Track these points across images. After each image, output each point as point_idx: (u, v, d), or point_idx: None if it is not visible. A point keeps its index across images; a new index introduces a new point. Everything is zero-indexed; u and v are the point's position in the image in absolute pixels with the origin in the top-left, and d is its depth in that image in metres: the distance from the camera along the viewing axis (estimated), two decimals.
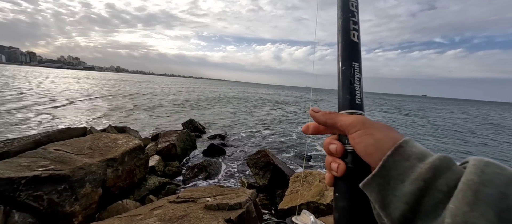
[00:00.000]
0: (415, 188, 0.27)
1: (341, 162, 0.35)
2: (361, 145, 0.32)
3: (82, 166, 2.60)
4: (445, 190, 0.25)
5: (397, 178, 0.28)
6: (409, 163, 0.28)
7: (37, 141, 3.35)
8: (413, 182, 0.27)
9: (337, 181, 0.37)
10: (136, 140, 3.75)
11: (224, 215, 1.92)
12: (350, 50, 0.40)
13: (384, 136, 0.32)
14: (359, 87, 0.39)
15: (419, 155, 0.29)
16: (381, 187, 0.30)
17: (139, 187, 3.62)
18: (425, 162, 0.28)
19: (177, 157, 5.43)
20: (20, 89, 20.72)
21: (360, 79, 0.39)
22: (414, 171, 0.28)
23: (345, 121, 0.35)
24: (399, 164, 0.29)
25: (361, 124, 0.34)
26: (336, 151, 0.36)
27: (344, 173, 0.35)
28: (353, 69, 0.39)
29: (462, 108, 51.53)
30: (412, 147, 0.30)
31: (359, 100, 0.38)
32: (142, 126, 9.90)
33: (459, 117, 27.45)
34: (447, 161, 0.27)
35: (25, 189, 2.12)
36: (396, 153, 0.29)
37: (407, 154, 0.29)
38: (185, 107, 17.75)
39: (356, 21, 0.41)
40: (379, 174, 0.30)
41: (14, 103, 12.88)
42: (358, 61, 0.40)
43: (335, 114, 0.38)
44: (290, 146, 8.54)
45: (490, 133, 16.24)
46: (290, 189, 3.48)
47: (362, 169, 0.34)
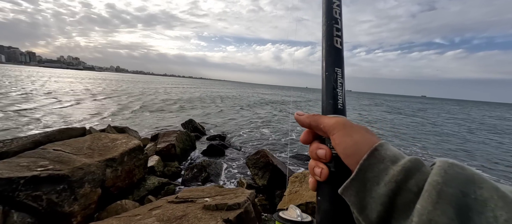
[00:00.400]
0: (389, 189, 0.28)
1: (324, 167, 0.36)
2: (342, 146, 0.34)
3: (81, 166, 2.61)
4: (415, 190, 0.27)
5: (373, 180, 0.30)
6: (383, 166, 0.30)
7: (36, 141, 3.35)
8: (386, 183, 0.28)
9: (320, 185, 0.38)
10: (135, 140, 3.75)
11: (223, 215, 1.92)
12: (334, 56, 0.41)
13: (361, 138, 0.33)
14: (342, 92, 0.40)
15: (392, 157, 0.30)
16: (358, 189, 0.31)
17: (138, 187, 3.62)
18: (398, 164, 0.29)
19: (176, 158, 5.43)
20: (25, 89, 20.80)
21: (342, 84, 0.40)
22: (388, 173, 0.29)
23: (327, 123, 0.36)
24: (374, 167, 0.30)
25: (342, 125, 0.35)
26: (324, 156, 0.36)
27: (327, 177, 0.36)
28: (336, 74, 0.40)
29: (461, 109, 51.60)
30: (387, 150, 0.31)
31: (342, 105, 0.39)
32: (142, 126, 9.90)
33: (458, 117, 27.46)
34: (417, 163, 0.29)
35: (24, 189, 2.12)
36: (372, 156, 0.31)
37: (382, 157, 0.30)
38: (186, 107, 17.75)
39: (339, 27, 0.42)
40: (356, 177, 0.31)
41: (21, 104, 12.91)
42: (341, 67, 0.41)
43: (318, 116, 0.39)
44: (290, 146, 8.55)
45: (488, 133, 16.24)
46: (289, 189, 3.48)
47: (344, 173, 0.35)
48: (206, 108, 17.97)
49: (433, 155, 9.09)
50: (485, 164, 8.35)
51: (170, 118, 12.63)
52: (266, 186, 4.33)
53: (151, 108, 15.78)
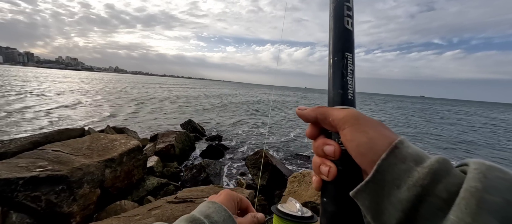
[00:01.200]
0: (413, 194, 0.24)
1: (332, 165, 0.32)
2: (354, 143, 0.29)
3: (80, 166, 2.61)
4: (444, 196, 0.23)
5: (392, 183, 0.26)
6: (405, 167, 0.26)
7: (35, 141, 3.35)
8: (410, 187, 0.25)
9: (326, 185, 0.34)
10: (134, 141, 3.75)
11: None
12: (344, 39, 0.36)
13: (378, 135, 0.29)
14: (352, 80, 0.35)
15: (416, 157, 0.26)
16: (374, 193, 0.27)
17: (137, 188, 3.62)
18: (423, 165, 0.25)
19: (175, 158, 5.43)
20: (29, 90, 20.86)
21: (353, 71, 0.35)
22: (411, 175, 0.25)
23: (337, 116, 0.32)
24: (394, 168, 0.26)
25: (354, 119, 0.30)
26: (333, 153, 0.32)
27: (335, 177, 0.32)
28: (346, 60, 0.35)
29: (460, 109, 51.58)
30: (408, 148, 0.27)
31: (352, 95, 0.35)
32: (141, 127, 9.88)
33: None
34: (445, 164, 0.25)
35: (23, 189, 2.12)
36: (392, 155, 0.27)
37: (403, 156, 0.26)
38: (185, 107, 17.74)
39: (350, 6, 0.37)
40: (373, 179, 0.27)
41: (28, 104, 12.92)
42: (352, 52, 0.36)
43: (326, 108, 0.34)
44: (289, 146, 8.56)
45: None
46: (288, 190, 3.49)
47: (353, 172, 0.31)
48: (206, 108, 17.96)
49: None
50: None
51: (169, 118, 12.62)
52: (266, 186, 4.33)
53: (151, 108, 15.76)
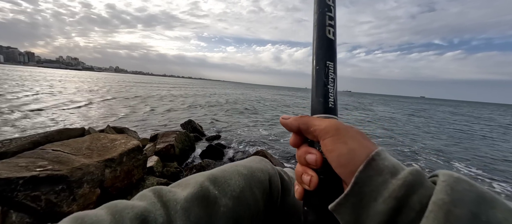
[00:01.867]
0: (389, 207, 0.25)
1: (314, 174, 0.33)
2: (334, 154, 0.30)
3: (80, 166, 2.61)
4: (418, 208, 0.24)
5: (370, 195, 0.26)
6: (382, 179, 0.26)
7: (35, 141, 3.35)
8: (386, 200, 0.25)
9: (308, 194, 0.34)
10: (134, 141, 3.75)
11: None
12: (326, 48, 0.37)
13: (358, 145, 0.29)
14: (333, 89, 0.36)
15: (391, 169, 0.27)
16: (354, 206, 0.27)
17: (137, 188, 3.62)
18: (398, 177, 0.26)
19: (175, 158, 5.43)
20: (35, 90, 20.92)
21: (334, 80, 0.36)
22: (387, 187, 0.26)
23: (319, 126, 0.32)
24: (372, 180, 0.27)
25: (334, 129, 0.31)
26: (315, 162, 0.33)
27: (316, 186, 0.32)
28: (328, 68, 0.36)
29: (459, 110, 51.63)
30: (385, 160, 0.28)
31: (333, 104, 0.36)
32: (141, 127, 9.89)
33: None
34: (419, 175, 0.26)
35: (23, 189, 2.12)
36: (369, 167, 0.27)
37: (380, 168, 0.27)
38: (185, 107, 17.75)
39: (332, 16, 0.38)
40: (352, 192, 0.27)
41: (35, 104, 12.97)
42: (333, 60, 0.37)
43: (307, 118, 0.35)
44: (289, 147, 8.56)
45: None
46: None
47: (334, 182, 0.32)
48: (206, 108, 17.97)
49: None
50: None
51: (169, 118, 12.62)
52: None
53: (151, 107, 15.78)
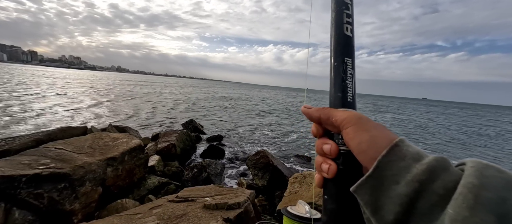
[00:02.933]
0: (411, 189, 0.25)
1: (332, 163, 0.34)
2: (355, 141, 0.31)
3: (83, 165, 2.62)
4: (441, 192, 0.24)
5: (391, 179, 0.27)
6: (404, 164, 0.27)
7: (38, 139, 3.37)
8: (408, 183, 0.26)
9: (327, 182, 0.35)
10: (136, 140, 3.76)
11: (223, 214, 1.93)
12: (343, 45, 0.38)
13: (380, 134, 0.30)
14: (352, 84, 0.37)
15: (415, 155, 0.27)
16: (374, 188, 0.28)
17: (138, 187, 3.64)
18: (421, 162, 0.26)
19: (176, 157, 5.44)
20: (43, 89, 21.30)
21: (352, 75, 0.37)
22: (410, 172, 0.26)
23: (340, 116, 0.33)
24: (394, 164, 0.27)
25: (357, 119, 0.32)
26: (330, 152, 0.34)
27: (335, 174, 0.34)
28: (346, 65, 0.37)
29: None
30: (408, 147, 0.28)
31: (351, 98, 0.36)
32: (142, 126, 9.92)
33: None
34: (443, 162, 0.26)
35: (26, 187, 2.13)
36: (392, 153, 0.28)
37: (403, 154, 0.28)
38: (185, 107, 17.78)
39: (350, 14, 0.39)
40: (373, 174, 0.28)
41: (46, 103, 13.20)
42: (351, 57, 0.38)
43: (329, 109, 0.36)
44: (290, 147, 8.56)
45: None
46: (289, 190, 3.49)
47: (353, 171, 0.33)
48: (207, 108, 17.99)
49: None
50: None
51: (170, 117, 12.65)
52: (266, 187, 4.33)
53: (152, 108, 15.82)
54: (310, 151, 8.14)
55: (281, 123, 14.12)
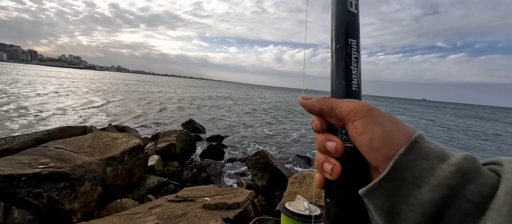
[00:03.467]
0: (437, 196, 0.21)
1: (337, 163, 0.30)
2: (366, 137, 0.26)
3: (82, 164, 2.62)
4: (476, 200, 0.20)
5: (412, 182, 0.23)
6: (427, 164, 0.23)
7: (38, 138, 3.37)
8: (434, 188, 0.21)
9: (330, 184, 0.31)
10: (135, 140, 3.77)
11: (222, 214, 1.94)
12: (347, 23, 0.32)
13: (395, 128, 0.25)
14: (357, 70, 0.31)
15: (439, 153, 0.23)
16: (390, 193, 0.24)
17: (138, 186, 3.64)
18: (448, 162, 0.22)
19: (176, 157, 5.44)
20: (51, 89, 21.55)
21: (357, 60, 0.31)
22: (435, 174, 0.22)
23: (346, 107, 0.28)
24: (415, 165, 0.23)
25: (367, 110, 0.27)
26: (335, 150, 0.30)
27: (339, 176, 0.29)
28: (350, 47, 0.31)
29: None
30: (430, 144, 0.24)
31: (357, 86, 0.31)
32: (142, 126, 9.92)
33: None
34: (474, 162, 0.22)
35: (25, 186, 2.13)
36: (412, 150, 0.23)
37: (425, 152, 0.23)
38: (186, 107, 17.78)
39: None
40: (390, 177, 0.24)
41: (51, 104, 13.17)
42: (356, 38, 0.32)
43: (332, 99, 0.31)
44: (290, 147, 8.56)
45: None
46: (289, 191, 3.49)
47: (360, 171, 0.29)
48: (207, 109, 17.99)
49: None
50: None
51: (170, 117, 12.65)
52: (266, 187, 4.33)
53: (152, 107, 15.82)
54: (311, 151, 8.15)
55: (281, 123, 14.13)
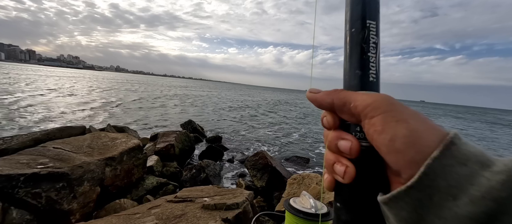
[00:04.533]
0: (480, 210, 0.17)
1: (350, 165, 0.26)
2: (386, 136, 0.22)
3: (81, 164, 2.62)
4: None
5: (446, 192, 0.19)
6: (467, 170, 0.19)
7: (37, 138, 3.36)
8: (476, 200, 0.17)
9: (341, 187, 0.27)
10: (135, 140, 3.76)
11: (221, 214, 1.94)
12: (364, 1, 0.27)
13: (423, 126, 0.21)
14: (375, 57, 0.27)
15: (480, 157, 0.19)
16: (417, 203, 0.20)
17: (136, 187, 3.63)
18: (493, 170, 0.18)
19: (175, 158, 5.43)
20: (59, 89, 21.89)
21: (376, 45, 0.27)
22: (476, 183, 0.18)
23: (362, 101, 0.24)
24: (451, 171, 0.19)
25: (387, 104, 0.23)
26: (349, 151, 0.25)
27: (353, 179, 0.26)
28: (368, 30, 0.26)
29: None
30: (467, 146, 0.20)
31: (375, 77, 0.27)
32: (141, 126, 9.90)
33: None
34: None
35: (24, 186, 2.13)
36: (447, 154, 0.19)
37: (464, 156, 0.19)
38: (185, 108, 17.77)
39: None
40: (419, 185, 0.20)
41: (55, 104, 13.21)
42: (376, 19, 0.27)
43: (345, 91, 0.27)
44: (289, 148, 8.56)
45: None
46: (288, 191, 3.49)
47: (376, 174, 0.25)
48: (206, 109, 17.98)
49: None
50: None
51: (169, 118, 12.63)
52: (265, 188, 4.34)
53: (151, 107, 15.80)
54: (311, 151, 8.16)
55: (280, 123, 14.14)
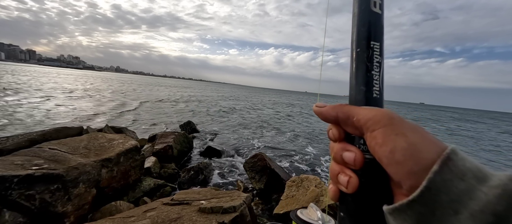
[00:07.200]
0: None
1: (354, 175, 0.27)
2: (387, 148, 0.24)
3: (77, 165, 2.58)
4: None
5: (449, 206, 0.20)
6: (465, 185, 0.20)
7: (32, 139, 3.33)
8: (476, 215, 0.18)
9: (345, 197, 0.29)
10: (132, 141, 3.73)
11: (218, 218, 1.91)
12: (369, 24, 0.29)
13: (421, 139, 0.23)
14: (379, 75, 0.29)
15: (476, 172, 0.20)
16: (421, 217, 0.21)
17: (133, 189, 3.59)
18: (489, 184, 0.19)
19: (173, 159, 5.40)
20: (68, 89, 22.12)
21: (380, 64, 0.29)
22: (476, 197, 0.19)
23: (364, 115, 0.26)
24: (451, 186, 0.20)
25: (387, 119, 0.25)
26: (353, 162, 0.27)
27: (356, 189, 0.27)
28: (372, 51, 0.29)
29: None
30: (464, 161, 0.21)
31: (378, 93, 0.29)
32: (140, 127, 9.86)
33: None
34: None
35: (18, 187, 2.09)
36: (446, 169, 0.20)
37: (461, 171, 0.20)
38: (185, 108, 17.74)
39: None
40: (422, 199, 0.21)
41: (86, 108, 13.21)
42: (380, 41, 0.29)
43: (349, 106, 0.29)
44: (288, 150, 8.53)
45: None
46: (286, 194, 3.46)
47: (379, 185, 0.27)
48: (206, 110, 17.95)
49: None
50: None
51: (168, 119, 12.59)
52: (263, 190, 4.30)
53: (151, 107, 15.76)
54: (310, 153, 8.13)
55: (279, 125, 14.11)
